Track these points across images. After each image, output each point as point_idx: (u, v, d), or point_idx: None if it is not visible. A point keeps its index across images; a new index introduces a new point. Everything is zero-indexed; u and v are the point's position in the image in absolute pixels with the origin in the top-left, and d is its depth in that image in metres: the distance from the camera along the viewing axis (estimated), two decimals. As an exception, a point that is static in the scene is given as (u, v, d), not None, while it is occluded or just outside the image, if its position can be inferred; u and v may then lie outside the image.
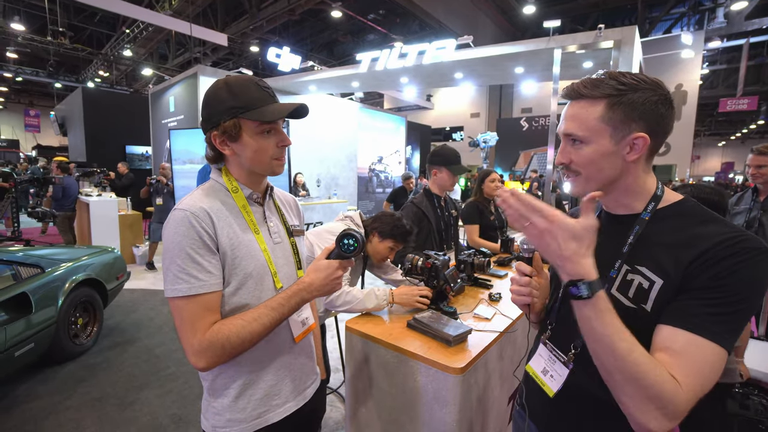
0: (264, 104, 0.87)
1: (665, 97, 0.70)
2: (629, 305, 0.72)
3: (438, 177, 2.27)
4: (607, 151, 0.72)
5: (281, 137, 0.91)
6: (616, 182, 0.76)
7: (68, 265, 2.95)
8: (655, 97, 0.69)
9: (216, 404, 0.91)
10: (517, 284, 0.87)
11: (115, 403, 2.40)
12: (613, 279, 0.76)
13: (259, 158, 0.89)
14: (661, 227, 0.73)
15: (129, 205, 6.12)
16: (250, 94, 0.86)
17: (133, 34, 11.21)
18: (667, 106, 0.71)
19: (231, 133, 0.86)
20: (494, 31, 14.67)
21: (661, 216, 0.75)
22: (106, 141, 9.98)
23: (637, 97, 0.69)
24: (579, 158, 0.75)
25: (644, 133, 0.70)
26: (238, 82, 0.87)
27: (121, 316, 3.79)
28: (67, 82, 14.88)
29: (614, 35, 4.58)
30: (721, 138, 27.22)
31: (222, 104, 0.86)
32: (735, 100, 13.80)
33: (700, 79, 12.68)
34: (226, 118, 0.85)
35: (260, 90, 0.88)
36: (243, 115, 0.85)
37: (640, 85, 0.70)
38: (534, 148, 14.60)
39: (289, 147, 0.95)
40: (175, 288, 0.80)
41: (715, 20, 12.56)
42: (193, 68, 7.03)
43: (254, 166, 0.91)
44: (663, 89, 0.71)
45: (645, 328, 0.70)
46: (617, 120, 0.70)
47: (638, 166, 0.75)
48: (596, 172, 0.74)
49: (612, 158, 0.73)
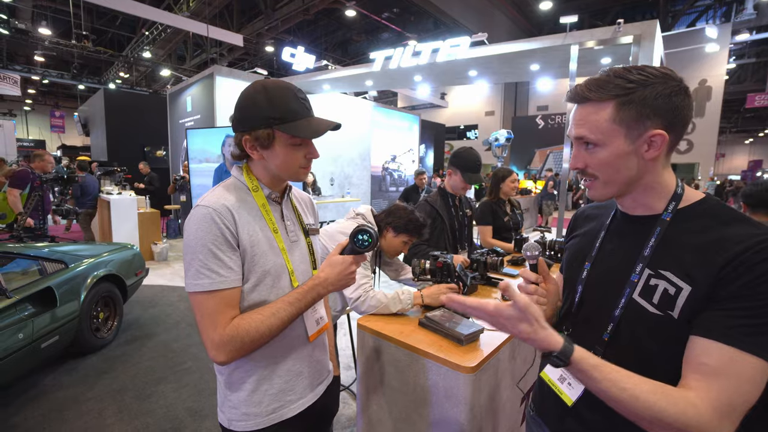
0: (300, 117, 0.87)
1: (678, 87, 0.66)
2: (654, 312, 0.68)
3: (451, 178, 2.26)
4: (623, 152, 0.69)
5: (311, 150, 0.92)
6: (635, 182, 0.72)
7: (90, 261, 3.05)
8: (667, 89, 0.65)
9: (232, 398, 0.93)
10: (524, 292, 0.83)
11: (134, 395, 2.47)
12: (634, 283, 0.72)
13: (286, 167, 0.91)
14: (684, 228, 0.69)
15: (147, 203, 6.28)
16: (288, 106, 0.86)
17: (152, 36, 11.51)
18: (682, 96, 0.66)
19: (263, 142, 0.87)
20: (510, 27, 14.46)
21: (683, 216, 0.70)
22: (126, 141, 10.27)
23: (648, 93, 0.65)
24: (594, 162, 0.72)
25: (661, 129, 0.66)
26: (277, 89, 0.87)
27: (139, 312, 3.89)
28: (90, 83, 15.40)
29: (634, 30, 4.45)
30: (749, 135, 26.17)
31: (259, 111, 0.86)
32: (764, 95, 13.25)
33: (726, 74, 12.21)
34: (261, 126, 0.86)
35: (298, 101, 0.88)
36: (278, 127, 0.86)
37: (650, 79, 0.66)
38: (550, 146, 14.35)
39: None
40: (196, 283, 0.81)
41: (744, 12, 12.05)
42: (209, 69, 7.15)
43: (281, 173, 0.92)
44: (674, 79, 0.66)
45: (672, 336, 0.67)
46: (630, 119, 0.67)
47: (658, 163, 0.71)
48: (614, 174, 0.71)
49: (629, 159, 0.69)
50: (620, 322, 0.73)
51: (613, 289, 0.75)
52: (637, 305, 0.71)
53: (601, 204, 0.89)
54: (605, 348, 0.75)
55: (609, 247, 0.81)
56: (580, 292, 0.83)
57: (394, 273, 2.00)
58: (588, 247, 0.84)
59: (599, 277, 0.80)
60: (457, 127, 19.59)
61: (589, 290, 0.81)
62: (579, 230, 0.92)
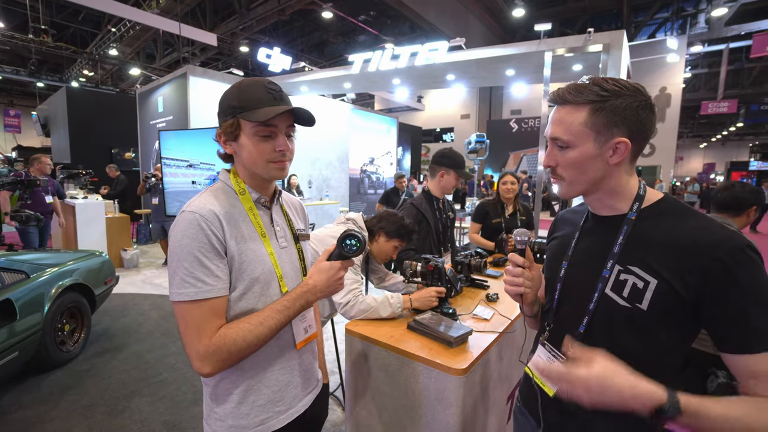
0: (263, 105, 0.84)
1: (646, 102, 0.72)
2: (624, 305, 0.74)
3: (445, 179, 2.25)
4: (590, 154, 0.75)
5: (279, 142, 0.86)
6: (599, 184, 0.78)
7: (54, 270, 2.87)
8: (636, 103, 0.72)
9: (218, 410, 0.89)
10: (510, 275, 0.89)
11: (105, 411, 2.34)
12: (606, 279, 0.77)
13: (253, 160, 0.87)
14: (647, 226, 0.76)
15: (116, 207, 5.99)
16: (253, 95, 0.85)
17: (119, 33, 10.99)
18: (648, 111, 0.73)
19: (230, 132, 0.86)
20: (484, 33, 14.82)
21: (647, 215, 0.77)
22: (91, 142, 9.74)
23: (619, 103, 0.71)
24: (564, 161, 0.78)
25: (626, 137, 0.72)
26: (249, 83, 0.87)
27: (109, 322, 3.69)
28: (50, 81, 14.50)
29: (603, 39, 4.67)
30: (703, 140, 27.98)
31: (227, 103, 0.86)
32: (716, 103, 14.21)
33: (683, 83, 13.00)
34: (228, 116, 0.86)
35: (265, 91, 0.86)
36: (240, 115, 0.84)
37: (622, 91, 0.72)
38: (523, 149, 14.77)
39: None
40: (181, 292, 0.78)
41: (697, 26, 12.93)
42: (182, 68, 6.91)
43: (250, 167, 0.89)
44: (644, 95, 0.73)
45: (643, 326, 0.73)
46: (600, 125, 0.73)
47: (621, 168, 0.77)
48: (580, 174, 0.77)
49: (595, 162, 0.75)
50: (594, 316, 0.79)
51: (588, 285, 0.80)
52: (609, 299, 0.76)
53: (577, 209, 0.95)
54: (581, 340, 0.80)
55: (583, 246, 0.86)
56: (559, 289, 0.88)
57: (377, 280, 2.00)
58: (565, 248, 0.90)
59: (575, 274, 0.86)
60: (433, 130, 19.84)
61: (567, 288, 0.87)
62: (557, 233, 0.98)
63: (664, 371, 0.73)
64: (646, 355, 0.73)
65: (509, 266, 0.90)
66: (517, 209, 2.99)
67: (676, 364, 0.75)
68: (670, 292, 0.69)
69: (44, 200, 4.51)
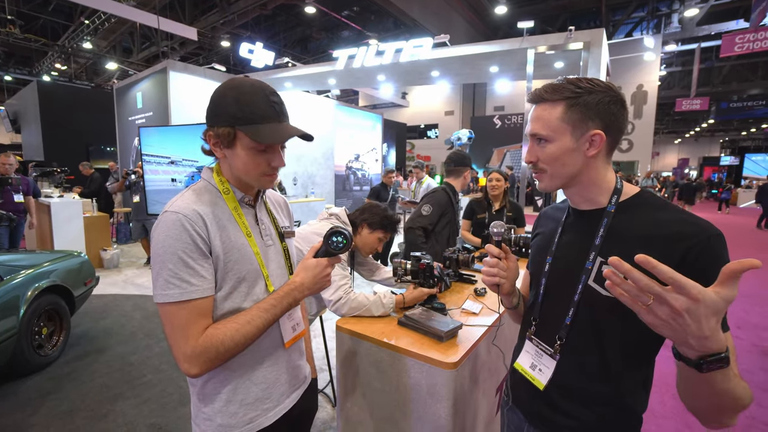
0: (266, 121, 0.83)
1: (616, 98, 0.77)
2: (607, 295, 0.76)
3: (465, 178, 2.56)
4: (568, 148, 0.79)
5: (275, 157, 0.87)
6: (578, 177, 0.82)
7: (29, 272, 2.76)
8: (607, 98, 0.77)
9: (206, 410, 0.89)
10: (487, 266, 0.93)
11: (87, 416, 2.27)
12: (589, 270, 0.80)
13: (247, 171, 0.86)
14: (626, 218, 0.79)
15: (95, 206, 5.79)
16: (255, 107, 0.82)
17: (93, 26, 10.58)
18: (619, 106, 0.78)
19: (225, 140, 0.83)
20: (467, 30, 14.92)
21: (625, 208, 0.81)
22: (66, 138, 9.38)
23: (591, 99, 0.76)
24: (544, 156, 0.81)
25: (600, 130, 0.77)
26: (249, 89, 0.83)
27: (90, 324, 3.58)
28: (19, 75, 13.87)
29: (584, 37, 4.77)
30: (677, 136, 28.96)
31: (224, 108, 0.82)
32: (689, 101, 14.75)
33: (658, 80, 13.42)
34: (224, 123, 0.82)
35: (268, 104, 0.84)
36: (240, 127, 0.82)
37: (594, 88, 0.77)
38: (507, 145, 14.98)
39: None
40: (166, 293, 0.77)
41: (671, 25, 13.37)
42: (162, 63, 6.71)
43: (242, 177, 0.88)
44: (614, 92, 0.78)
45: (626, 316, 0.74)
46: (576, 119, 0.77)
47: (598, 161, 0.81)
48: (560, 167, 0.81)
49: (574, 154, 0.79)
50: (579, 307, 0.82)
51: (572, 277, 0.83)
52: (592, 290, 0.79)
53: (559, 206, 0.99)
54: (568, 331, 0.83)
55: (565, 240, 0.89)
56: (544, 284, 0.91)
57: (368, 272, 2.00)
58: (548, 243, 0.93)
59: (559, 268, 0.89)
60: (417, 126, 19.89)
61: (552, 281, 0.90)
62: (541, 229, 1.01)
63: (645, 350, 0.79)
64: (630, 338, 0.77)
65: (487, 258, 0.94)
66: (504, 206, 3.05)
67: (656, 343, 0.79)
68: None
69: (13, 199, 4.32)
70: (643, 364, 0.80)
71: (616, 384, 0.79)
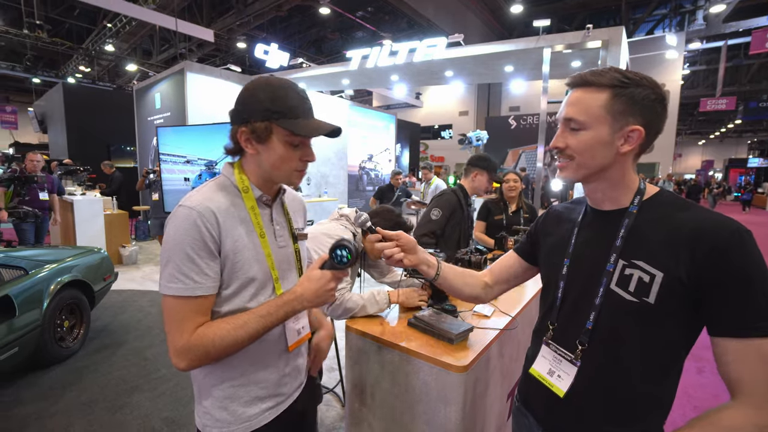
0: (300, 116, 0.84)
1: (662, 97, 0.74)
2: (631, 299, 0.73)
3: (477, 179, 2.43)
4: (603, 139, 0.75)
5: (307, 152, 0.88)
6: (604, 172, 0.78)
7: (53, 267, 2.86)
8: (653, 95, 0.73)
9: (206, 404, 0.90)
10: (379, 249, 1.00)
11: (105, 407, 2.34)
12: (611, 273, 0.76)
13: (280, 166, 0.86)
14: (649, 218, 0.76)
15: (115, 204, 5.97)
16: (289, 102, 0.84)
17: (115, 29, 10.91)
18: (663, 106, 0.74)
19: (260, 134, 0.83)
20: (482, 30, 14.77)
21: (647, 208, 0.77)
22: (89, 138, 9.69)
23: (638, 92, 0.72)
24: (575, 143, 0.77)
25: (640, 126, 0.73)
26: (279, 85, 0.85)
27: (108, 318, 3.69)
28: (46, 77, 14.38)
29: (602, 35, 4.66)
30: (702, 137, 28.03)
31: (258, 104, 0.83)
32: (714, 100, 14.24)
33: (681, 79, 13.01)
34: (259, 118, 0.82)
35: (300, 100, 0.85)
36: (277, 121, 0.83)
37: (642, 82, 0.73)
38: (522, 146, 14.76)
39: None
40: (169, 286, 0.78)
41: (695, 22, 12.91)
42: (179, 64, 6.86)
43: (273, 173, 0.88)
44: (661, 90, 0.74)
45: (651, 322, 0.72)
46: (618, 111, 0.73)
47: (628, 159, 0.77)
48: (590, 158, 0.77)
49: (606, 147, 0.75)
50: (601, 311, 0.78)
51: (592, 280, 0.79)
52: (615, 294, 0.75)
53: (570, 205, 0.95)
54: (589, 337, 0.79)
55: (583, 241, 0.85)
56: (563, 287, 0.86)
57: (379, 274, 1.99)
58: (564, 244, 0.88)
59: (578, 270, 0.84)
60: (431, 127, 19.79)
61: (570, 284, 0.85)
62: (551, 228, 0.96)
63: (670, 355, 0.74)
64: (652, 349, 0.73)
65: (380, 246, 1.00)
66: (520, 207, 3.01)
67: (672, 364, 0.75)
68: (676, 284, 0.68)
69: (38, 197, 4.49)
70: (668, 371, 0.76)
71: (640, 391, 0.75)
